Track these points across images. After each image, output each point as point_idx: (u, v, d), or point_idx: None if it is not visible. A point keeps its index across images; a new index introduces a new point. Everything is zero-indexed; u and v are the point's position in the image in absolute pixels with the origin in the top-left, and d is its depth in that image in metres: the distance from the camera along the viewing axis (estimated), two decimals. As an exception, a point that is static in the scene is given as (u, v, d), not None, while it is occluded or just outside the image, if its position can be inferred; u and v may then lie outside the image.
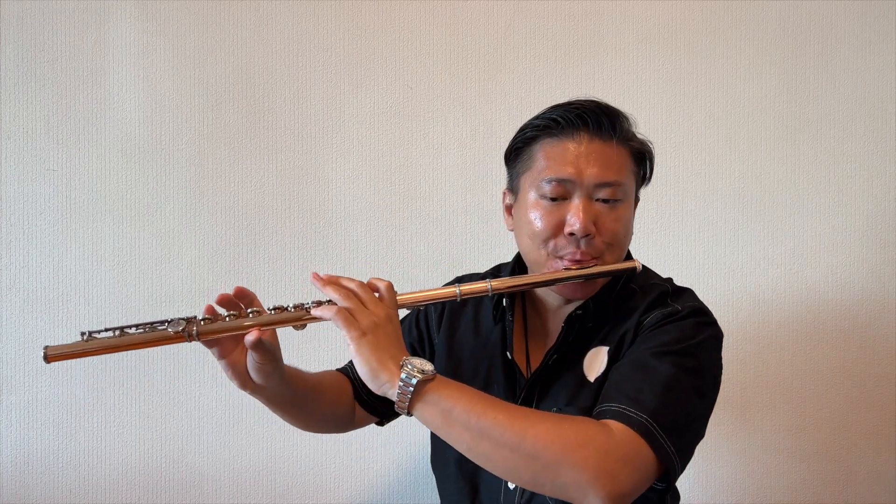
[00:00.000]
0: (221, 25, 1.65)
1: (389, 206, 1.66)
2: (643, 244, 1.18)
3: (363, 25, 1.65)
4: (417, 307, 1.00)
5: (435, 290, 1.00)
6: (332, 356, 1.61)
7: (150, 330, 0.92)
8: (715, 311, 1.05)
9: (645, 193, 1.15)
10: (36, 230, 1.63)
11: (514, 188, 1.09)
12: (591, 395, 1.00)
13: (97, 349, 0.90)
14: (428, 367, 0.88)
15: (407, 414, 0.89)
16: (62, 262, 1.63)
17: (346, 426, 1.19)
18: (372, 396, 1.17)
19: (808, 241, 1.63)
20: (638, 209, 1.13)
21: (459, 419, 0.86)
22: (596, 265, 1.01)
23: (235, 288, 0.96)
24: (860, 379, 1.63)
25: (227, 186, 1.65)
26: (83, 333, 0.91)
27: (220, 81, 1.65)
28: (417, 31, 1.65)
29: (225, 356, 0.96)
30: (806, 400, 1.63)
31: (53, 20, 1.63)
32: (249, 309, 0.95)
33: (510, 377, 1.09)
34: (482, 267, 1.26)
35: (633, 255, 1.09)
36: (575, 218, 0.99)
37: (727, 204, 1.64)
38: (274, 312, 0.95)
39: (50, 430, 1.63)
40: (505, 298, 1.11)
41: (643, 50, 1.65)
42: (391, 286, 0.96)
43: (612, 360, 1.01)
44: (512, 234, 1.12)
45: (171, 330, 0.91)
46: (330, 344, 1.62)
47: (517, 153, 1.08)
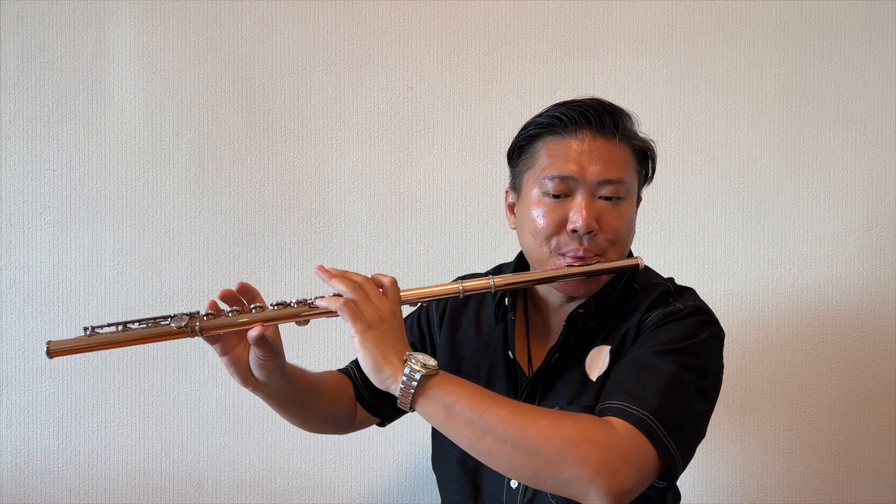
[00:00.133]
0: (221, 25, 1.65)
1: (389, 206, 1.66)
2: (644, 244, 1.18)
3: (363, 25, 1.65)
4: (420, 303, 1.00)
5: (438, 286, 1.00)
6: (332, 356, 1.61)
7: (153, 325, 0.91)
8: (715, 310, 1.05)
9: (645, 193, 1.15)
10: (36, 230, 1.63)
11: (516, 186, 1.09)
12: (593, 393, 1.00)
13: (100, 344, 0.90)
14: (431, 362, 0.89)
15: (409, 409, 0.89)
16: (62, 262, 1.63)
17: (347, 427, 1.19)
18: (374, 396, 1.17)
19: (808, 241, 1.63)
20: (639, 209, 1.13)
21: (462, 415, 0.87)
22: (598, 262, 1.01)
23: (238, 284, 0.97)
24: (860, 379, 1.63)
25: (227, 186, 1.65)
26: (86, 328, 0.91)
27: (220, 81, 1.65)
28: (417, 31, 1.65)
29: (227, 353, 0.96)
30: (806, 400, 1.63)
31: (53, 20, 1.63)
32: (252, 305, 0.95)
33: (512, 376, 1.09)
34: (482, 267, 1.25)
35: (634, 254, 1.09)
36: (578, 215, 0.99)
37: (727, 204, 1.64)
38: (277, 308, 0.95)
39: (50, 430, 1.63)
40: (507, 297, 1.11)
41: (643, 50, 1.65)
42: (395, 282, 0.96)
43: (614, 358, 1.01)
44: (512, 234, 1.12)
45: (174, 325, 0.91)
46: (331, 344, 1.63)
47: (520, 151, 1.08)
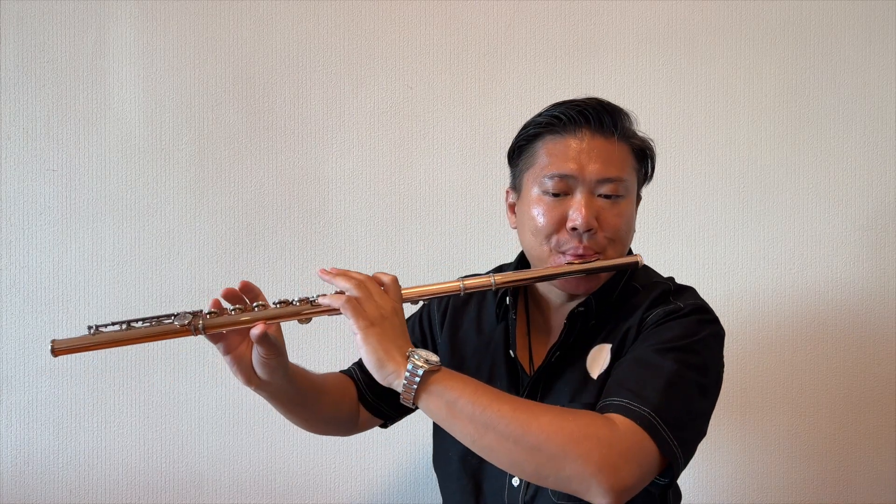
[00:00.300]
0: (221, 25, 1.65)
1: (389, 206, 1.66)
2: (644, 244, 1.18)
3: (363, 25, 1.65)
4: (421, 301, 1.01)
5: (439, 284, 1.00)
6: (333, 356, 1.62)
7: (156, 324, 0.92)
8: (715, 310, 1.05)
9: (646, 193, 1.15)
10: (36, 230, 1.63)
11: (516, 186, 1.10)
12: (594, 391, 1.00)
13: (104, 342, 0.91)
14: (433, 358, 0.89)
15: (412, 405, 0.90)
16: (62, 262, 1.63)
17: (350, 429, 1.20)
18: (376, 397, 1.17)
19: (808, 241, 1.63)
20: (639, 209, 1.13)
21: (464, 411, 0.87)
22: (598, 260, 1.02)
23: (241, 282, 0.97)
24: (860, 379, 1.63)
25: (227, 186, 1.65)
26: (90, 327, 0.91)
27: (220, 81, 1.65)
28: (417, 31, 1.65)
29: (230, 352, 0.97)
30: (806, 400, 1.63)
31: (53, 20, 1.63)
32: (254, 303, 0.96)
33: (513, 375, 1.09)
34: (483, 267, 1.25)
35: (634, 252, 1.09)
36: (577, 213, 1.00)
37: (727, 204, 1.64)
38: (279, 306, 0.95)
39: (50, 430, 1.63)
40: (508, 297, 1.12)
41: (643, 50, 1.65)
42: (396, 280, 0.97)
43: (615, 356, 1.01)
44: (512, 234, 1.12)
45: (177, 323, 0.91)
46: (331, 344, 1.63)
47: (520, 151, 1.09)
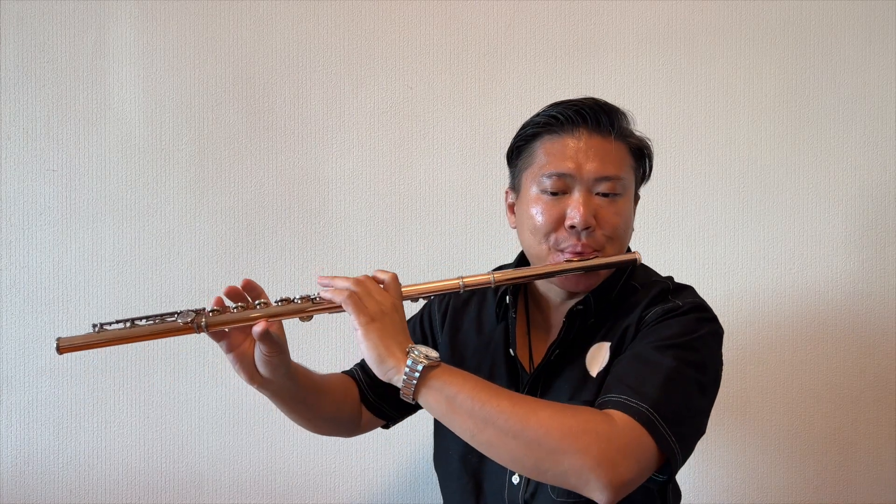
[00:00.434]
0: (221, 25, 1.65)
1: (389, 206, 1.66)
2: (643, 244, 1.18)
3: (363, 25, 1.65)
4: (421, 298, 1.02)
5: (438, 281, 1.01)
6: (334, 356, 1.62)
7: (159, 321, 0.94)
8: (715, 310, 1.05)
9: (645, 193, 1.15)
10: (36, 230, 1.63)
11: (515, 186, 1.11)
12: (593, 389, 1.00)
13: (108, 340, 0.92)
14: (433, 353, 0.90)
15: (412, 400, 0.91)
16: (62, 262, 1.63)
17: (352, 429, 1.20)
18: (378, 398, 1.18)
19: (808, 241, 1.63)
20: (638, 209, 1.13)
21: (463, 406, 0.88)
22: (597, 257, 1.03)
23: (243, 280, 0.98)
24: (860, 379, 1.63)
25: (227, 186, 1.65)
26: (94, 325, 0.93)
27: (220, 81, 1.65)
28: (417, 31, 1.65)
29: (233, 349, 0.98)
30: (806, 400, 1.63)
31: (53, 20, 1.63)
32: (257, 301, 0.97)
33: (513, 373, 1.10)
34: (482, 267, 1.25)
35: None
36: (575, 211, 1.01)
37: (727, 204, 1.64)
38: (281, 304, 0.96)
39: (50, 430, 1.63)
40: (508, 296, 1.12)
41: (643, 50, 1.65)
42: (395, 277, 0.98)
43: (614, 355, 1.02)
44: (512, 234, 1.13)
45: (180, 321, 0.93)
46: (332, 344, 1.63)
47: (518, 151, 1.10)
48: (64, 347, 0.91)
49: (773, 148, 1.64)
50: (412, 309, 1.08)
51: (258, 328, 0.93)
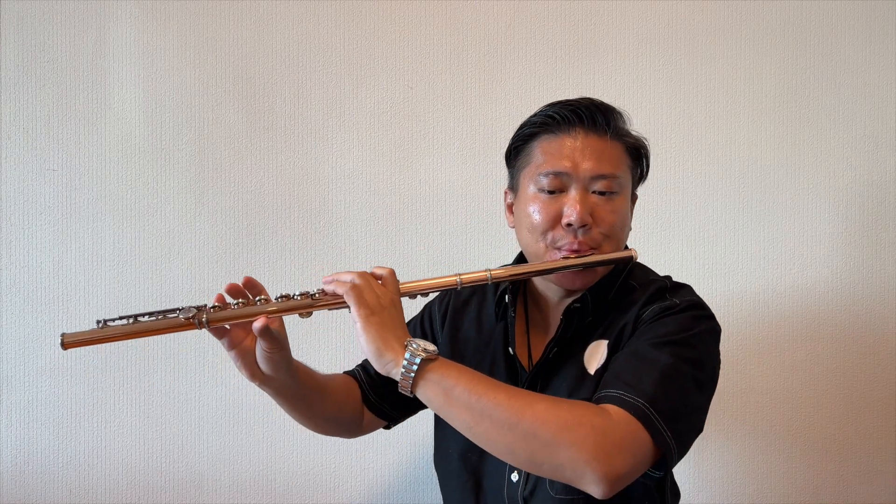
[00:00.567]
0: (221, 25, 1.65)
1: (389, 206, 1.66)
2: (643, 244, 1.19)
3: (363, 25, 1.66)
4: (419, 294, 1.04)
5: (436, 278, 1.03)
6: (334, 355, 1.62)
7: (161, 318, 0.95)
8: (715, 310, 1.05)
9: (645, 193, 1.15)
10: (36, 230, 1.63)
11: (514, 186, 1.12)
12: (591, 387, 1.01)
13: (112, 336, 0.94)
14: (431, 347, 0.91)
15: (410, 393, 0.91)
16: (62, 261, 1.63)
17: (355, 430, 1.21)
18: (379, 398, 1.19)
19: (808, 241, 1.63)
20: (638, 209, 1.13)
21: (460, 398, 0.88)
22: (593, 255, 1.03)
23: (244, 278, 0.99)
24: (860, 379, 1.63)
25: (227, 186, 1.65)
26: (98, 321, 0.94)
27: (220, 81, 1.65)
28: (417, 31, 1.65)
29: (234, 346, 0.99)
30: (805, 400, 1.63)
31: (53, 20, 1.63)
32: (257, 297, 0.98)
33: (512, 371, 1.11)
34: (482, 267, 1.25)
35: (632, 253, 1.09)
36: (572, 209, 1.02)
37: (727, 204, 1.64)
38: (281, 301, 0.97)
39: (50, 430, 1.63)
40: (507, 295, 1.13)
41: (643, 50, 1.65)
42: (393, 272, 0.99)
43: (611, 352, 1.03)
44: (512, 234, 1.13)
45: (182, 317, 0.94)
46: (332, 343, 1.63)
47: (516, 151, 1.11)
48: (69, 343, 0.92)
49: (773, 148, 1.64)
50: (409, 306, 1.08)
51: (258, 324, 0.93)
